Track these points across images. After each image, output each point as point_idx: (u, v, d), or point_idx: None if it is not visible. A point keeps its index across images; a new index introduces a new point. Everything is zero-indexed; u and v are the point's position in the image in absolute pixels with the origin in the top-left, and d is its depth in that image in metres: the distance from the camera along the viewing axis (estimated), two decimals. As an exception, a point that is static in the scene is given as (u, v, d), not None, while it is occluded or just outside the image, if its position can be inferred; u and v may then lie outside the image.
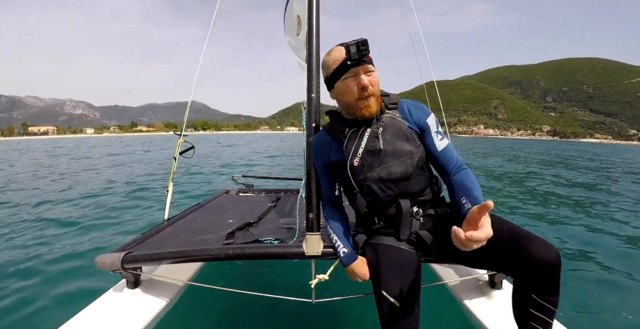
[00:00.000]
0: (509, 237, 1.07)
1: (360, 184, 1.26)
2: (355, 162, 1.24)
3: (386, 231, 1.30)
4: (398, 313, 1.07)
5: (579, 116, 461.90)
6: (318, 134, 1.39)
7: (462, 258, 1.24)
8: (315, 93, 1.39)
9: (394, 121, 1.25)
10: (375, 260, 1.22)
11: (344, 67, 1.17)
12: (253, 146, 26.27)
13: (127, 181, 7.81)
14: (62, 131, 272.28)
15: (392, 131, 1.24)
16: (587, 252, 3.30)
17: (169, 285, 1.70)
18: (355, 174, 1.25)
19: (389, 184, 1.24)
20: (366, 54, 1.13)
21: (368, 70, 1.17)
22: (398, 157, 1.23)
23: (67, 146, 33.27)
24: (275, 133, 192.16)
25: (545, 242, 1.03)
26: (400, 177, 1.23)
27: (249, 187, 3.59)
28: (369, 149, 1.23)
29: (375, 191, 1.25)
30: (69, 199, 5.80)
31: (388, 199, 1.26)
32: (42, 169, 11.07)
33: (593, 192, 7.19)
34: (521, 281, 1.07)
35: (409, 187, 1.26)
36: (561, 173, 10.92)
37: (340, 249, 1.30)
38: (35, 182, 7.99)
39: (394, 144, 1.23)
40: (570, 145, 69.81)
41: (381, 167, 1.23)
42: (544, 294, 1.01)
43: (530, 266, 1.00)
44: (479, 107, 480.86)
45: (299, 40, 2.12)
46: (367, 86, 1.16)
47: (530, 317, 1.05)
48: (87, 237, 3.80)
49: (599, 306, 2.27)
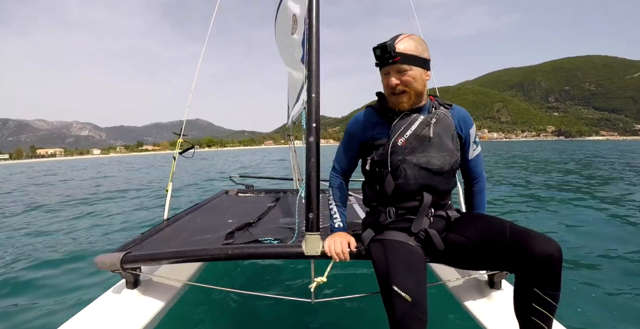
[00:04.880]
0: (510, 236, 1.09)
1: (394, 165, 1.28)
2: (400, 142, 1.28)
3: (397, 226, 1.30)
4: (409, 309, 1.04)
5: (583, 114, 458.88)
6: (365, 111, 1.44)
7: (464, 263, 1.27)
8: (315, 93, 1.40)
9: (446, 118, 1.33)
10: (383, 256, 1.21)
11: (377, 64, 1.29)
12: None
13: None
14: (69, 153, 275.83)
15: (443, 125, 1.31)
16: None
17: (168, 285, 1.70)
18: (394, 153, 1.28)
19: (424, 173, 1.27)
20: (390, 57, 1.21)
21: (400, 70, 1.23)
22: (441, 151, 1.28)
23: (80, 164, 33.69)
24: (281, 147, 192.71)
25: (547, 237, 1.05)
26: (437, 169, 1.28)
27: (248, 188, 3.60)
28: (418, 133, 1.28)
29: (408, 175, 1.27)
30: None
31: (415, 187, 1.28)
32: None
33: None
34: (523, 276, 1.07)
35: (439, 184, 1.30)
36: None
37: (337, 221, 1.42)
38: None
39: (441, 137, 1.29)
40: (578, 143, 68.54)
41: (423, 154, 1.28)
42: (546, 288, 1.02)
43: (533, 260, 1.01)
44: (482, 111, 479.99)
45: (293, 39, 2.15)
46: (393, 86, 1.25)
47: (532, 312, 1.05)
48: (87, 237, 3.83)
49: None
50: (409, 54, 1.22)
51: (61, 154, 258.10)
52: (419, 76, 1.25)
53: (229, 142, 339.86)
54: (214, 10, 2.69)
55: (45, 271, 2.87)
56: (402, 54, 1.21)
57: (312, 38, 1.43)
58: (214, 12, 2.69)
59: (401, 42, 1.22)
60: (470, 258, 1.19)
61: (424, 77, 1.28)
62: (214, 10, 2.69)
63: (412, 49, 1.22)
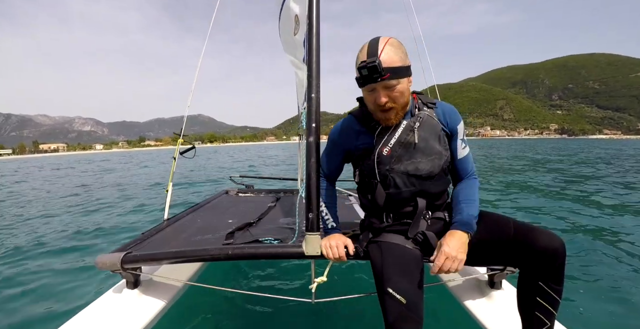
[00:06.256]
0: (515, 232, 1.09)
1: (383, 175, 1.26)
2: (385, 152, 1.25)
3: (394, 229, 1.29)
4: (404, 311, 1.04)
5: (586, 112, 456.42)
6: (346, 119, 1.39)
7: (467, 260, 1.24)
8: (315, 93, 1.39)
9: (431, 120, 1.27)
10: (379, 258, 1.21)
11: (361, 83, 1.19)
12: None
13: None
14: (72, 148, 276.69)
15: (428, 128, 1.25)
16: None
17: (168, 285, 1.70)
18: (381, 163, 1.25)
19: (414, 179, 1.25)
20: (380, 75, 1.11)
21: (388, 86, 1.15)
22: (428, 155, 1.24)
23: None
24: (282, 143, 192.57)
25: (551, 232, 1.05)
26: (427, 175, 1.24)
27: (248, 188, 3.60)
28: (402, 141, 1.24)
29: (398, 184, 1.25)
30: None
31: (407, 195, 1.26)
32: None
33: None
34: (528, 271, 1.08)
35: (431, 188, 1.27)
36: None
37: (329, 222, 1.38)
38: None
39: (427, 141, 1.24)
40: (583, 142, 67.75)
41: (410, 161, 1.24)
42: (550, 282, 1.03)
43: (537, 254, 1.02)
44: (484, 108, 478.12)
45: (296, 40, 2.15)
46: (382, 104, 1.17)
47: (535, 307, 1.06)
48: (87, 237, 3.85)
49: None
50: (396, 66, 1.13)
51: (64, 149, 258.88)
52: (406, 88, 1.19)
53: (230, 138, 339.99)
54: (215, 6, 2.67)
55: (45, 272, 2.88)
56: (390, 68, 1.12)
57: (312, 38, 1.41)
58: (215, 8, 2.67)
59: (384, 54, 1.12)
60: (474, 254, 1.18)
61: (409, 85, 1.22)
62: (215, 6, 2.67)
63: (398, 60, 1.13)
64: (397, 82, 1.15)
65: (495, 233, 1.14)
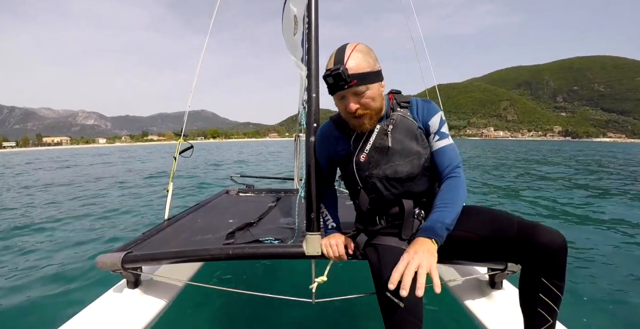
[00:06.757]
0: (518, 229, 1.09)
1: (364, 181, 1.26)
2: (362, 158, 1.25)
3: (388, 231, 1.29)
4: (402, 314, 1.05)
5: (591, 115, 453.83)
6: (325, 125, 1.39)
7: (467, 256, 1.25)
8: (315, 93, 1.39)
9: (405, 120, 1.24)
10: (377, 261, 1.20)
11: (330, 92, 1.18)
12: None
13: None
14: (75, 141, 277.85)
15: (402, 129, 1.23)
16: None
17: (169, 285, 1.70)
18: (360, 170, 1.25)
19: (394, 182, 1.24)
20: (346, 82, 1.09)
21: (357, 92, 1.13)
22: (406, 157, 1.23)
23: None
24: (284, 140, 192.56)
25: (553, 229, 1.05)
26: (406, 176, 1.23)
27: (249, 187, 3.60)
28: (377, 146, 1.23)
29: (379, 188, 1.25)
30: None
31: (391, 197, 1.26)
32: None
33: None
34: (530, 267, 1.08)
35: (413, 188, 1.26)
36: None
37: (330, 223, 1.39)
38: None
39: (402, 143, 1.23)
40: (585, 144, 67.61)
41: (388, 165, 1.23)
42: (552, 278, 1.03)
43: (540, 250, 1.02)
44: (488, 109, 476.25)
45: (295, 40, 2.15)
46: (353, 111, 1.16)
47: (538, 302, 1.06)
48: (88, 237, 3.86)
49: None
50: (363, 72, 1.11)
51: (67, 143, 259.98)
52: (377, 93, 1.17)
53: (233, 134, 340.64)
54: (215, 6, 2.65)
55: (45, 271, 2.88)
56: (357, 75, 1.10)
57: (312, 38, 1.41)
58: (215, 8, 2.65)
59: (351, 60, 1.10)
60: (475, 251, 1.19)
61: (381, 90, 1.19)
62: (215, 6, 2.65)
63: (365, 65, 1.11)
64: (367, 88, 1.13)
65: (499, 231, 1.13)
